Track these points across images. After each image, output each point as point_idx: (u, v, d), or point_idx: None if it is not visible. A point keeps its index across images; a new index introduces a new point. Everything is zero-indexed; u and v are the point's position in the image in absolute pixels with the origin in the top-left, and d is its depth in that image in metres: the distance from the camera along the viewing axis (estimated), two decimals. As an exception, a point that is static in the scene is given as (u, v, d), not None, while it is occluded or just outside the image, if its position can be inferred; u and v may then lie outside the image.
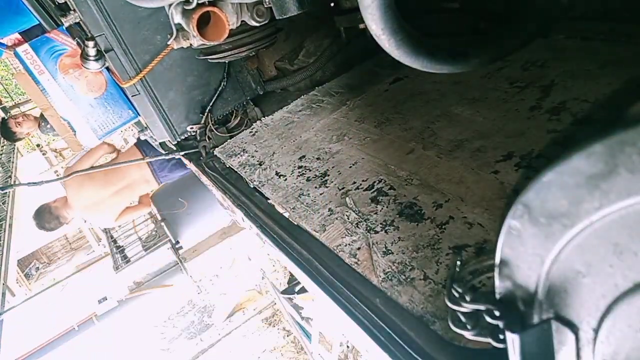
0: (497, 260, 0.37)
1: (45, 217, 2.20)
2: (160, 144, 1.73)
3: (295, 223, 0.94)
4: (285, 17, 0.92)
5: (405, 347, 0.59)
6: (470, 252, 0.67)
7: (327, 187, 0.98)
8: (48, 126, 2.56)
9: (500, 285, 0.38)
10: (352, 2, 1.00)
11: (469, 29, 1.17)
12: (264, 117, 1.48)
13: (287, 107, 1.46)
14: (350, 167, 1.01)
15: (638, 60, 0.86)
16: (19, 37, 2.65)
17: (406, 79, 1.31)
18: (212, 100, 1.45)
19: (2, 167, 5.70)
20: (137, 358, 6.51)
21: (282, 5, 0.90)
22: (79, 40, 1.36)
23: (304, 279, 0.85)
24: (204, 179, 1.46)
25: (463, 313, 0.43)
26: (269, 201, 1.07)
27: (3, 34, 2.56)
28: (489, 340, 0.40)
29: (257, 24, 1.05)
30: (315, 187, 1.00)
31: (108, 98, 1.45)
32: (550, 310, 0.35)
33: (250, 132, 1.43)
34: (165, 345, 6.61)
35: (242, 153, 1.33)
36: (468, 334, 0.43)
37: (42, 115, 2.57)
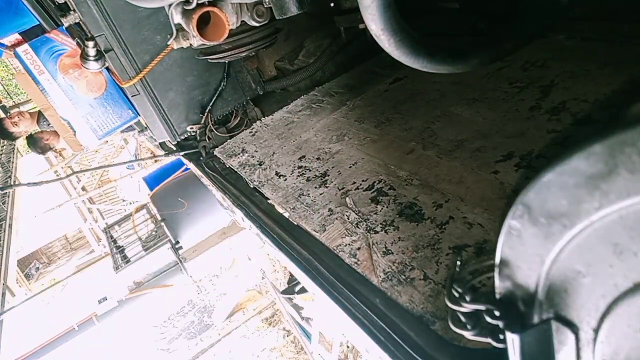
0: (497, 260, 0.37)
1: (47, 149, 2.65)
2: (160, 143, 1.73)
3: (295, 223, 0.94)
4: (285, 17, 0.92)
5: (405, 347, 0.59)
6: (470, 252, 0.67)
7: (327, 187, 0.98)
8: (46, 123, 2.58)
9: (500, 285, 0.38)
10: (352, 2, 1.00)
11: (468, 29, 1.17)
12: (264, 117, 1.48)
13: (287, 107, 1.46)
14: (350, 167, 1.01)
15: (638, 60, 0.86)
16: (19, 37, 2.65)
17: (406, 79, 1.31)
18: (212, 100, 1.45)
19: (2, 167, 5.70)
20: (137, 358, 6.51)
21: (282, 5, 0.90)
22: (78, 41, 1.35)
23: (304, 279, 0.85)
24: (204, 179, 1.46)
25: (463, 313, 0.43)
26: (269, 201, 1.07)
27: (3, 34, 2.56)
28: (489, 340, 0.40)
29: (257, 24, 1.05)
30: (315, 187, 1.00)
31: (108, 98, 1.44)
32: (550, 310, 0.35)
33: (250, 132, 1.43)
34: (165, 345, 6.61)
35: (242, 153, 1.33)
36: (468, 334, 0.43)
37: (40, 111, 2.59)
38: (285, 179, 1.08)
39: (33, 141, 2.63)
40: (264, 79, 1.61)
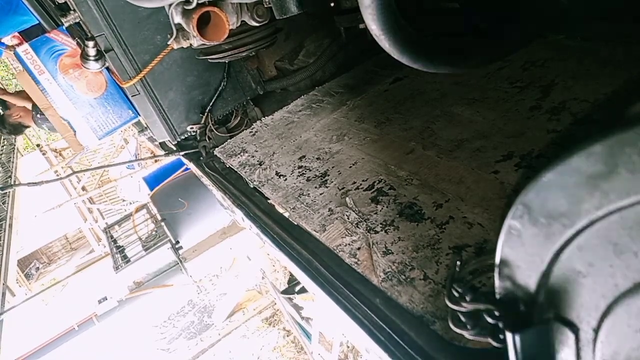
0: (497, 260, 0.37)
1: (19, 129, 2.43)
2: (160, 143, 1.73)
3: (296, 223, 0.94)
4: (285, 17, 0.92)
5: (405, 347, 0.59)
6: (470, 252, 0.67)
7: (327, 187, 0.98)
8: (41, 116, 2.48)
9: (500, 285, 0.38)
10: (352, 2, 1.00)
11: (469, 29, 1.17)
12: (264, 117, 1.48)
13: (287, 107, 1.46)
14: (350, 167, 1.01)
15: (638, 60, 0.86)
16: (19, 36, 2.65)
17: (406, 79, 1.31)
18: (212, 100, 1.45)
19: (2, 167, 5.70)
20: (137, 358, 6.51)
21: (282, 5, 0.90)
22: (79, 40, 1.36)
23: (304, 279, 0.85)
24: (204, 179, 1.46)
25: (463, 313, 0.43)
26: (269, 201, 1.07)
27: (3, 34, 2.56)
28: (489, 340, 0.40)
29: (257, 24, 1.05)
30: (315, 187, 1.00)
31: (108, 98, 1.44)
32: (550, 310, 0.35)
33: (250, 132, 1.43)
34: (165, 345, 6.61)
35: (242, 153, 1.33)
36: (468, 334, 0.43)
37: (34, 106, 2.51)
38: (286, 179, 1.08)
39: (1, 120, 2.35)
40: (264, 78, 1.61)
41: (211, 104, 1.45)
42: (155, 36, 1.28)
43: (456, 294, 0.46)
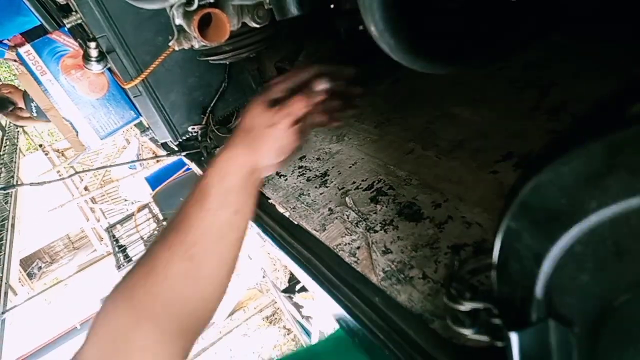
0: (496, 259, 0.37)
1: (6, 104, 2.43)
2: (162, 144, 1.74)
3: (296, 222, 0.94)
4: (285, 18, 0.92)
5: (404, 345, 0.59)
6: (469, 251, 0.67)
7: (327, 187, 0.98)
8: (33, 104, 2.45)
9: (498, 284, 0.38)
10: (352, 4, 1.00)
11: (469, 29, 1.17)
12: (265, 117, 1.48)
13: (288, 107, 1.47)
14: (350, 167, 1.01)
15: (638, 60, 0.86)
16: (21, 37, 2.66)
17: (406, 79, 1.32)
18: (213, 101, 1.46)
19: (5, 167, 5.73)
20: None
21: (282, 7, 0.90)
22: (81, 42, 1.36)
23: (303, 278, 0.85)
24: (205, 179, 1.47)
25: (462, 311, 0.44)
26: (269, 201, 1.07)
27: (5, 35, 2.57)
28: (488, 338, 0.40)
29: (258, 26, 1.06)
30: (316, 187, 1.00)
31: (110, 99, 1.45)
32: (549, 309, 0.35)
33: (251, 132, 1.43)
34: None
35: (243, 153, 1.33)
36: (467, 332, 0.43)
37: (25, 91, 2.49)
38: (286, 179, 1.09)
39: None
40: (265, 79, 1.61)
41: (212, 104, 1.45)
42: (157, 37, 1.29)
43: (455, 293, 0.46)
